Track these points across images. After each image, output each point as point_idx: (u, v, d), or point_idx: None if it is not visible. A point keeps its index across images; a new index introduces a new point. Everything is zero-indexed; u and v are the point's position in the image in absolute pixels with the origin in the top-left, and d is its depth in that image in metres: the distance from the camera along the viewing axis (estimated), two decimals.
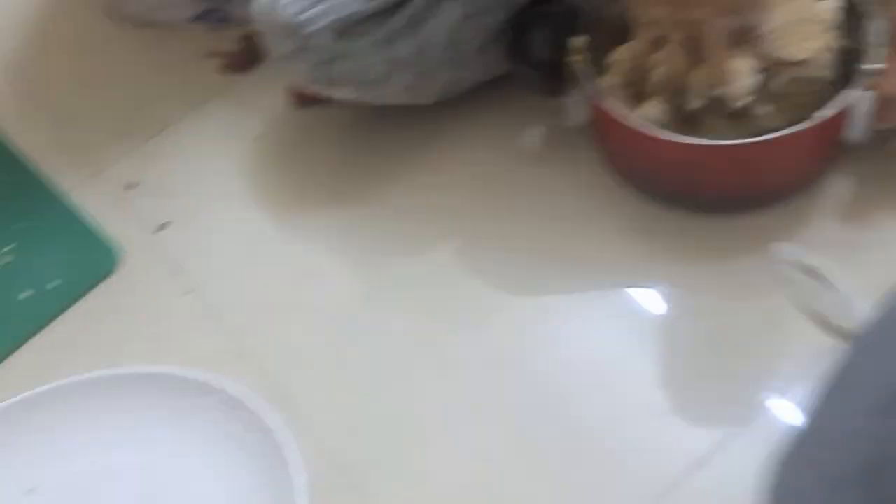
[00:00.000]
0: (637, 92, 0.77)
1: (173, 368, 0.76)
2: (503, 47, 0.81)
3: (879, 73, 0.72)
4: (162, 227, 0.88)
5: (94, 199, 0.90)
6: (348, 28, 0.78)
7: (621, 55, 0.78)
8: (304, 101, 0.89)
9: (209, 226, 0.88)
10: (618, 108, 0.75)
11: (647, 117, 0.75)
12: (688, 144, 0.73)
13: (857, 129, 0.74)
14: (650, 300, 0.77)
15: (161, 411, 0.76)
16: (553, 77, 0.79)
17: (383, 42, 0.78)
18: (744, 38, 0.72)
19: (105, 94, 0.98)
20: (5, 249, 0.88)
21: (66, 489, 0.74)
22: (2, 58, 1.01)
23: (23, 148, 0.94)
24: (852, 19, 0.75)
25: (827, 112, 0.71)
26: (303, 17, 0.77)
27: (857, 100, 0.72)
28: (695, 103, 0.74)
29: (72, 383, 0.77)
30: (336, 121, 0.90)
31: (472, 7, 0.80)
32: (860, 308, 0.68)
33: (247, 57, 0.97)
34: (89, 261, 0.86)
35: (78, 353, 0.81)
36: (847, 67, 0.74)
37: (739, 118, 0.74)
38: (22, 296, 0.85)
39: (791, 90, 0.74)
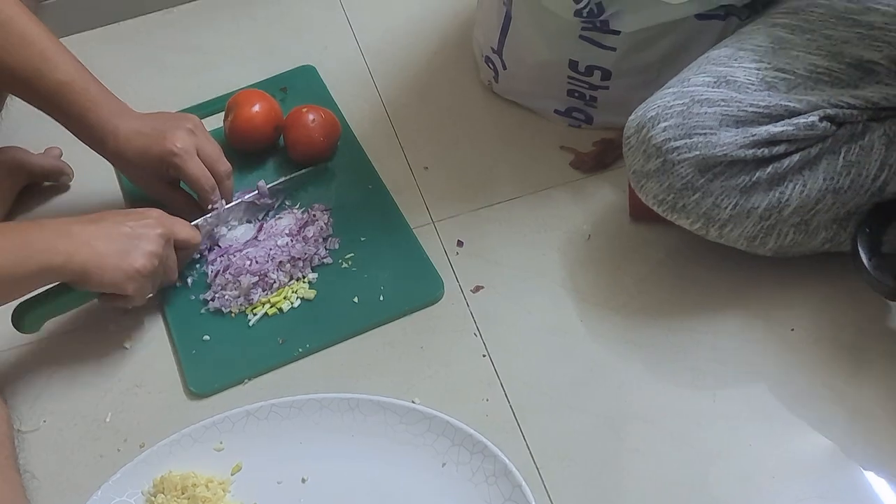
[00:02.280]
0: None
1: (454, 420, 0.83)
2: (853, 230, 0.82)
3: None
4: (477, 289, 0.95)
5: (430, 242, 1.00)
6: (712, 167, 0.82)
7: None
8: (643, 215, 0.93)
9: (517, 303, 0.94)
10: None
11: None
12: None
13: None
14: None
15: (429, 450, 0.83)
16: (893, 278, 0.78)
17: (741, 189, 0.82)
18: None
19: (464, 155, 1.08)
20: (348, 256, 0.99)
21: (332, 484, 0.84)
22: (389, 108, 1.14)
23: (388, 181, 1.06)
24: None
25: None
26: (674, 144, 0.82)
27: None
28: None
29: (356, 398, 0.87)
30: (664, 241, 0.95)
31: (836, 182, 0.81)
32: None
33: (596, 160, 1.03)
34: (417, 288, 0.96)
35: (374, 365, 0.91)
36: None
37: None
38: (354, 299, 0.96)
39: None
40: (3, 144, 1.08)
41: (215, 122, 1.14)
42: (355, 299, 0.96)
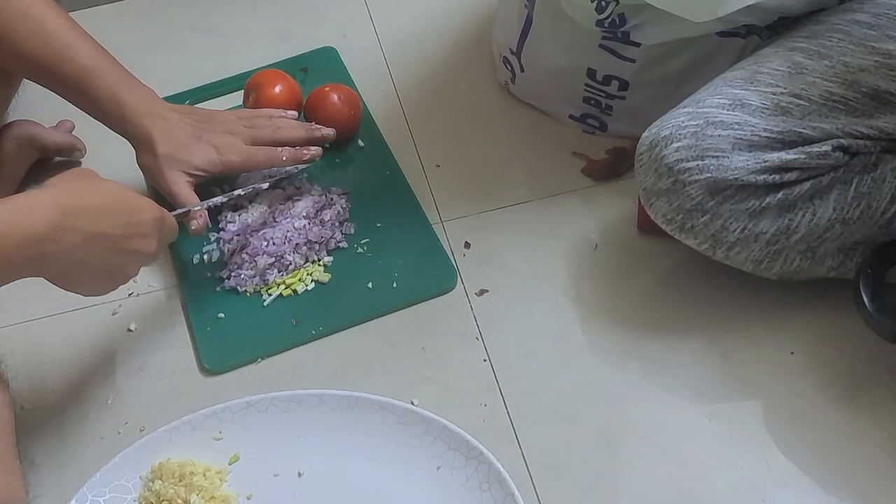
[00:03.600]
0: None
1: (453, 425, 0.84)
2: (857, 264, 0.82)
3: None
4: (481, 292, 0.96)
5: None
6: (722, 190, 0.82)
7: None
8: (651, 228, 0.94)
9: (520, 310, 0.95)
10: None
11: None
12: None
13: None
14: None
15: (425, 452, 0.84)
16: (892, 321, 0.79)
17: (750, 213, 0.82)
18: None
19: (476, 154, 1.08)
20: (363, 241, 1.00)
21: (328, 480, 0.85)
22: (405, 103, 1.14)
23: (406, 174, 1.06)
24: None
25: None
26: (686, 165, 0.82)
27: None
28: None
29: (355, 396, 0.88)
30: (670, 256, 0.95)
31: (846, 212, 0.82)
32: None
33: (608, 168, 1.03)
34: (431, 277, 0.97)
35: (376, 364, 0.92)
36: None
37: None
38: (368, 285, 0.97)
39: None
40: (17, 118, 1.08)
41: (230, 101, 1.14)
42: (369, 285, 0.97)
